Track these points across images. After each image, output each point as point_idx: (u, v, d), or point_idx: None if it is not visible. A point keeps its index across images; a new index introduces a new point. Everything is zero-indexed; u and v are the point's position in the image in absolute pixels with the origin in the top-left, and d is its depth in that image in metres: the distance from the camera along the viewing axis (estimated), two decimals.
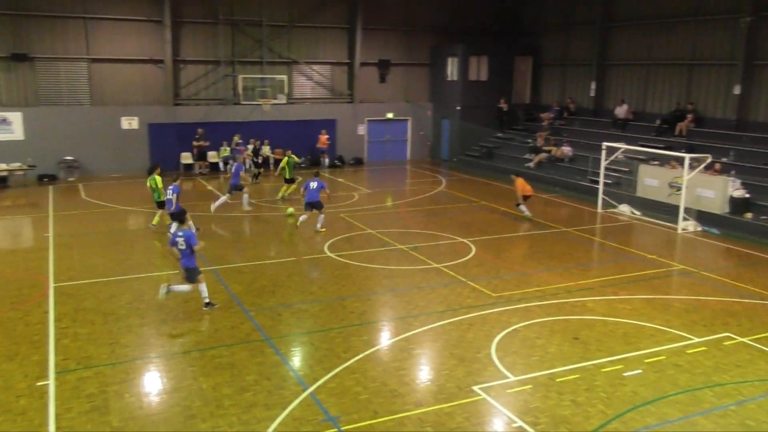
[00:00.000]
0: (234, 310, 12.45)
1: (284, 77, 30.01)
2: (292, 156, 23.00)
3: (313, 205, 18.33)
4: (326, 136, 30.67)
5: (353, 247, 17.03)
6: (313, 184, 18.25)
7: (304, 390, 9.35)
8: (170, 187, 17.44)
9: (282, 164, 22.84)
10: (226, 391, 9.32)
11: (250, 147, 29.20)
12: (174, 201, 17.32)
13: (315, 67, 31.46)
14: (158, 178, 18.11)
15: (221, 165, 28.96)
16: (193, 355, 10.53)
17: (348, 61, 31.89)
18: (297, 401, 9.03)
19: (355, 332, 11.51)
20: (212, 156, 28.90)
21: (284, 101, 29.92)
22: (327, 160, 30.85)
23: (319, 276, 14.75)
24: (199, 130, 28.46)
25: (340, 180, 27.79)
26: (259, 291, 13.59)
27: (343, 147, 32.13)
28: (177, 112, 28.82)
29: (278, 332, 11.51)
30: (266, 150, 29.62)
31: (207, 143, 28.58)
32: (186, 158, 28.92)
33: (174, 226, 16.09)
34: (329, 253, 16.41)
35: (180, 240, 12.07)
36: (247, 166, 28.97)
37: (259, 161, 28.17)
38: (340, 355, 10.51)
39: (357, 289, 13.88)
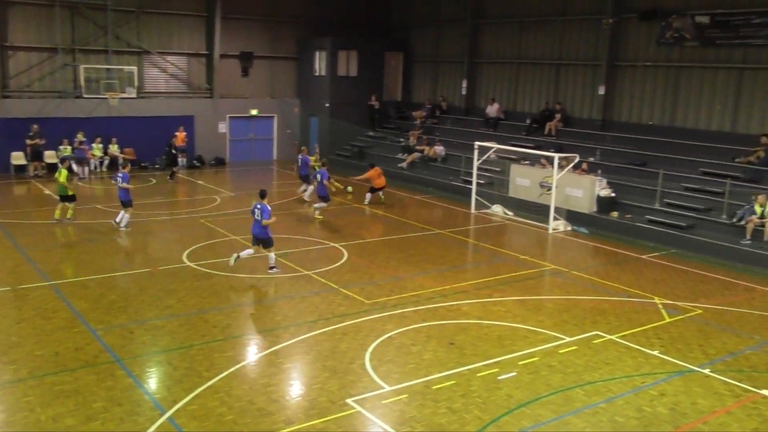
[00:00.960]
0: (78, 330, 11.77)
1: (134, 68, 28.78)
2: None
3: (320, 197, 20.78)
4: (183, 134, 29.73)
5: (215, 255, 16.63)
6: (318, 177, 20.69)
7: (161, 414, 9.02)
8: (119, 175, 18.88)
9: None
10: (70, 421, 8.79)
11: (96, 146, 27.81)
12: (125, 188, 18.65)
13: (169, 58, 30.41)
14: (64, 172, 19.12)
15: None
16: (28, 383, 9.83)
17: (206, 52, 31.12)
18: (153, 427, 8.69)
19: (218, 348, 11.25)
20: (50, 156, 27.07)
21: (134, 95, 28.66)
22: (185, 161, 29.88)
23: (177, 288, 14.25)
24: (34, 127, 26.60)
25: (200, 182, 27.04)
26: (107, 307, 12.95)
27: (203, 146, 31.23)
28: (6, 105, 26.81)
29: (130, 352, 11.02)
30: (114, 149, 28.27)
31: (43, 141, 26.73)
32: (18, 158, 26.94)
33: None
34: (188, 263, 15.94)
35: (257, 211, 14.85)
36: (92, 167, 27.59)
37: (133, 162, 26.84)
38: (201, 374, 10.23)
39: (220, 301, 13.59)
